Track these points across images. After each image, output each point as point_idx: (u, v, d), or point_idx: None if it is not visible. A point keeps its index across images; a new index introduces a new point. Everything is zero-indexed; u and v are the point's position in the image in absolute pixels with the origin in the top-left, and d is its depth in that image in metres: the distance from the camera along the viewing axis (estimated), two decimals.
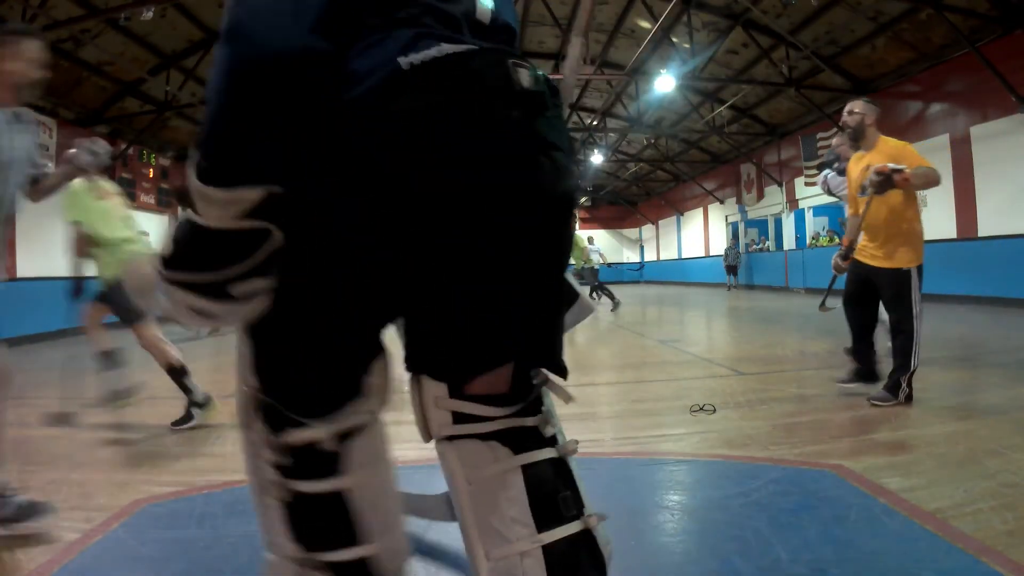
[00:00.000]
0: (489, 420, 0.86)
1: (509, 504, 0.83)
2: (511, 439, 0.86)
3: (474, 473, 0.85)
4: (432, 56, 0.69)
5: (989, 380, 3.44)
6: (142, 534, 1.61)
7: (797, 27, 9.50)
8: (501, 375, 0.87)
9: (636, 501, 1.80)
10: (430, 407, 0.86)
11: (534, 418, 0.90)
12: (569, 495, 0.87)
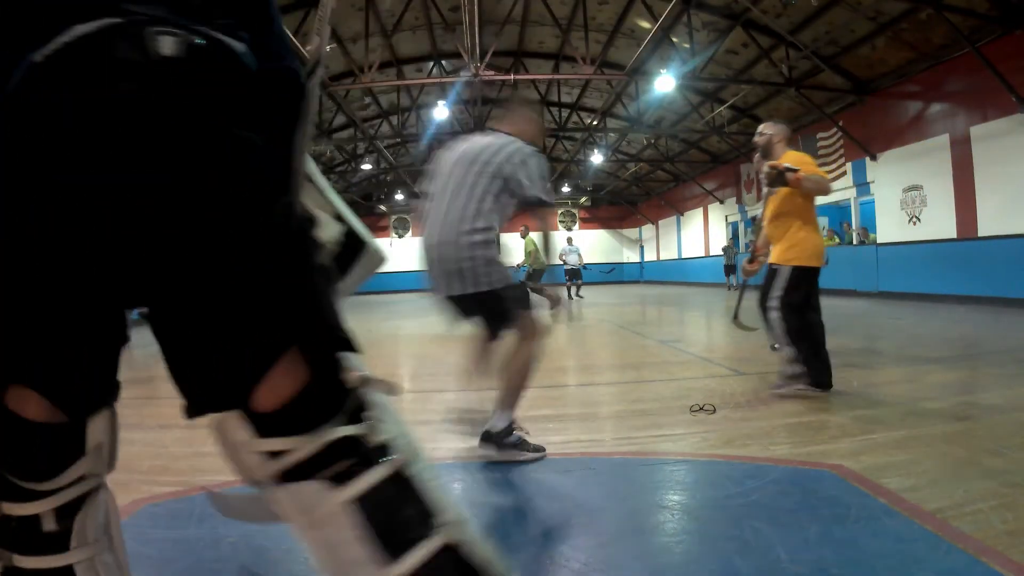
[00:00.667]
0: (299, 449, 0.77)
1: (349, 546, 0.76)
2: (332, 464, 0.77)
3: (311, 517, 0.77)
4: (63, 42, 0.64)
5: (989, 380, 3.44)
6: (142, 534, 1.61)
7: (797, 27, 9.51)
8: (285, 377, 0.76)
9: (636, 501, 1.80)
10: (240, 453, 0.78)
11: (355, 427, 0.80)
12: (412, 513, 0.79)
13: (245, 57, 0.74)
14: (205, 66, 0.70)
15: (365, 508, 0.76)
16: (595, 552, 1.47)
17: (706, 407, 2.83)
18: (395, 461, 0.80)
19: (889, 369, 3.94)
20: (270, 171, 0.76)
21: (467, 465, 2.20)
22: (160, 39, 0.67)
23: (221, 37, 0.72)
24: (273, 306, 0.74)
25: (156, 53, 0.66)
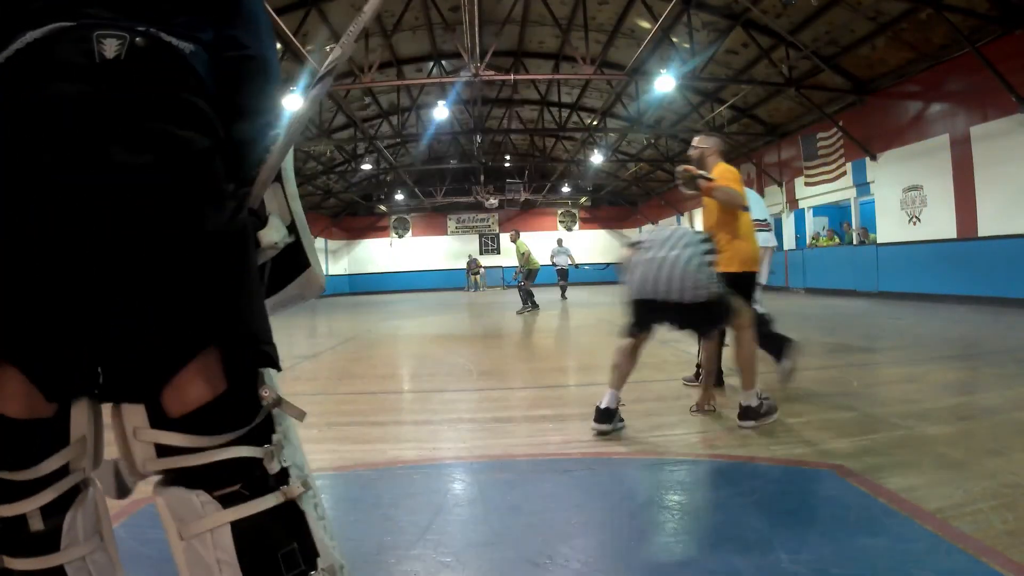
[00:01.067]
0: (196, 451, 0.74)
1: (221, 567, 0.73)
2: (222, 482, 0.75)
3: (185, 528, 0.75)
4: (15, 49, 0.71)
5: (989, 380, 3.44)
6: (142, 534, 1.61)
7: (797, 27, 9.51)
8: (196, 382, 0.75)
9: (636, 501, 1.80)
10: (131, 439, 0.75)
11: (255, 448, 0.77)
12: (294, 548, 0.76)
13: (192, 57, 0.77)
14: (146, 66, 0.73)
15: (241, 535, 0.74)
16: (595, 552, 1.47)
17: (707, 407, 2.82)
18: (287, 491, 0.78)
19: (889, 369, 3.94)
20: (211, 171, 0.76)
21: (467, 465, 2.20)
22: (104, 42, 0.71)
23: (166, 37, 0.75)
24: (195, 303, 0.74)
25: (100, 56, 0.70)
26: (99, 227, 0.69)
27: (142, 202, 0.71)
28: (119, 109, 0.71)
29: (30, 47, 0.71)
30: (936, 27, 8.22)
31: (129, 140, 0.70)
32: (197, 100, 0.76)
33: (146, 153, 0.71)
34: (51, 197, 0.68)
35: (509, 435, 2.63)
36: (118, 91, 0.71)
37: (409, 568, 1.39)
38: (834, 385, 3.36)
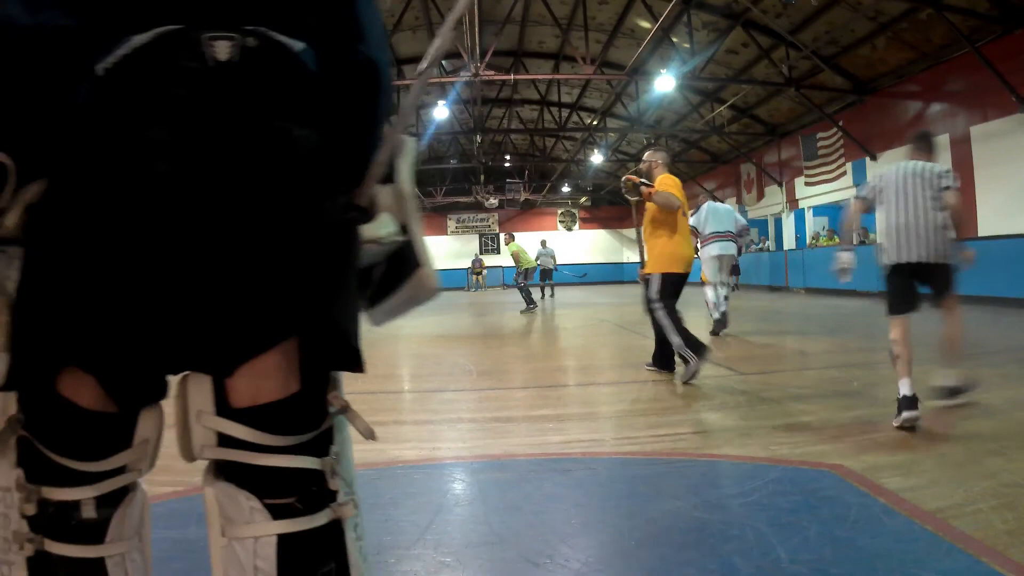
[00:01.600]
0: (258, 450, 0.72)
1: (257, 574, 0.72)
2: (277, 490, 0.73)
3: (229, 528, 0.74)
4: (121, 55, 0.69)
5: (989, 380, 3.44)
6: None
7: (797, 27, 9.51)
8: (272, 375, 0.74)
9: (636, 501, 1.80)
10: (193, 422, 0.74)
11: (318, 460, 0.76)
12: (332, 569, 0.76)
13: (303, 55, 0.75)
14: (258, 67, 0.71)
15: (285, 548, 0.72)
16: (595, 552, 1.47)
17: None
18: (338, 511, 0.76)
19: (889, 369, 3.93)
20: (321, 166, 0.76)
21: (467, 465, 2.20)
22: (215, 44, 0.69)
23: (277, 37, 0.73)
24: (289, 291, 0.72)
25: (211, 58, 0.69)
26: (212, 222, 0.68)
27: (255, 197, 0.70)
28: (235, 112, 0.70)
29: (136, 52, 0.69)
30: (936, 27, 8.23)
31: (246, 140, 0.70)
32: (310, 98, 0.76)
33: (263, 151, 0.71)
34: (165, 200, 0.68)
35: (509, 435, 2.63)
36: (234, 94, 0.70)
37: (409, 568, 1.39)
38: (834, 385, 3.35)
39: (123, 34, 0.70)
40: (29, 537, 0.74)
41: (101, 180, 0.68)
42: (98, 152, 0.69)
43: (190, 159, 0.68)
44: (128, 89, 0.69)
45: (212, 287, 0.70)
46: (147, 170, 0.68)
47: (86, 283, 0.69)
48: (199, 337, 0.72)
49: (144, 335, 0.70)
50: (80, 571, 0.74)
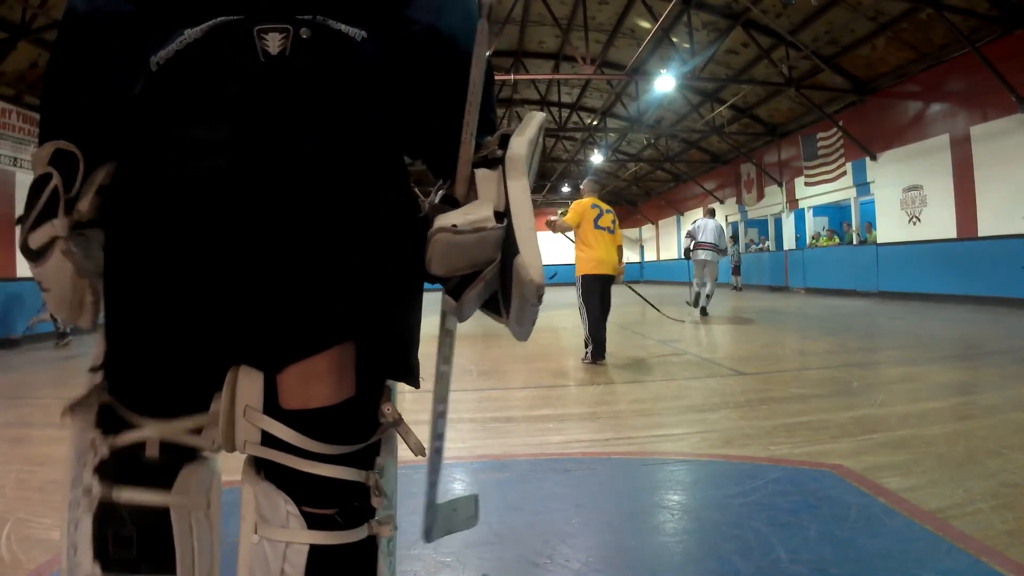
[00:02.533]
0: (302, 455, 0.71)
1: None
2: (316, 499, 0.71)
3: (263, 527, 0.71)
4: (174, 50, 0.68)
5: (989, 380, 3.44)
6: None
7: (797, 27, 9.51)
8: (325, 379, 0.72)
9: (636, 501, 1.80)
10: (239, 417, 0.72)
11: (363, 473, 0.74)
12: None
13: (366, 43, 0.71)
14: (314, 60, 0.68)
15: (316, 559, 0.70)
16: (595, 552, 1.47)
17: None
18: (375, 528, 0.74)
19: (889, 369, 3.94)
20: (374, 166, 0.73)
21: (467, 465, 2.20)
22: (267, 37, 0.67)
23: (335, 25, 0.70)
24: (344, 293, 0.71)
25: (264, 52, 0.67)
26: (264, 219, 0.68)
27: (309, 197, 0.69)
28: (289, 107, 0.68)
29: (190, 48, 0.68)
30: (936, 27, 8.23)
31: (298, 138, 0.68)
32: (374, 87, 0.72)
33: (315, 150, 0.69)
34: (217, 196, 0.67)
35: (509, 435, 2.63)
36: (287, 89, 0.68)
37: (409, 568, 1.39)
38: (834, 385, 3.35)
39: (180, 23, 0.69)
40: (93, 491, 0.74)
41: (156, 174, 0.69)
42: (152, 147, 0.69)
43: (243, 157, 0.67)
44: (181, 85, 0.68)
45: (267, 282, 0.69)
46: (198, 167, 0.67)
47: (152, 268, 0.69)
48: (253, 329, 0.71)
49: (209, 321, 0.70)
50: (145, 520, 0.74)
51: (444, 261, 0.73)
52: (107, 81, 0.72)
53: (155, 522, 0.75)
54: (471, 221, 0.71)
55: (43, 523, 1.72)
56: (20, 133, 8.37)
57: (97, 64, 0.72)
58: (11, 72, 7.98)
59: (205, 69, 0.68)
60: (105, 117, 0.73)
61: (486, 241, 0.72)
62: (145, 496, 0.75)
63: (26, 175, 8.44)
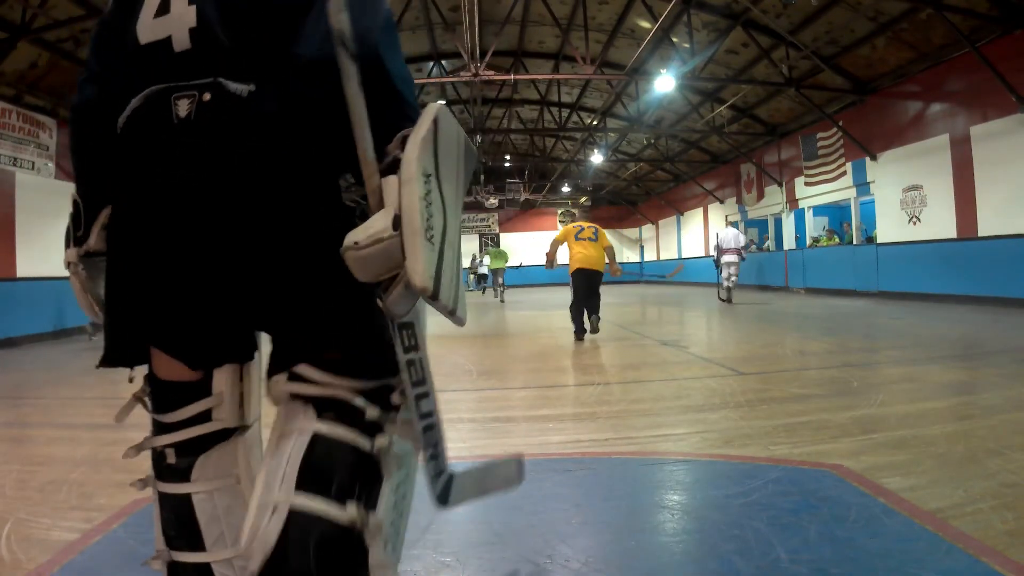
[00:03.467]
0: (313, 383, 0.90)
1: (288, 462, 0.86)
2: (327, 406, 0.88)
3: (285, 425, 0.89)
4: (126, 116, 0.90)
5: (989, 380, 3.44)
6: (142, 534, 1.61)
7: (797, 27, 9.51)
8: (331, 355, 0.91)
9: (636, 501, 1.80)
10: (273, 385, 0.93)
11: (367, 403, 0.90)
12: (355, 488, 0.86)
13: (252, 96, 0.85)
14: (212, 116, 0.85)
15: (315, 445, 0.86)
16: (595, 552, 1.47)
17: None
18: (374, 447, 0.88)
19: (889, 369, 3.94)
20: (299, 197, 0.87)
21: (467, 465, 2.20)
22: (179, 103, 0.85)
23: (227, 85, 0.85)
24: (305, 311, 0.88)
25: (176, 116, 0.85)
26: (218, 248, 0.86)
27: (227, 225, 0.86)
28: (198, 158, 0.85)
29: (135, 112, 0.89)
30: (936, 27, 8.22)
31: (213, 179, 0.85)
32: (269, 132, 0.86)
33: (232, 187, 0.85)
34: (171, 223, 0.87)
35: (509, 435, 2.63)
36: (194, 145, 0.85)
37: (409, 568, 1.39)
38: (834, 385, 3.35)
39: (133, 93, 0.90)
40: (148, 478, 0.98)
41: (132, 206, 0.90)
42: (126, 187, 0.90)
43: (175, 196, 0.86)
44: (132, 141, 0.89)
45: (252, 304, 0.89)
46: (156, 200, 0.87)
47: (138, 282, 0.90)
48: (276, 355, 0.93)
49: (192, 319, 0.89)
50: (172, 503, 0.94)
51: (363, 273, 0.80)
52: (94, 147, 0.97)
53: (182, 507, 0.93)
54: (370, 235, 0.78)
55: (43, 523, 1.72)
56: (20, 133, 8.37)
57: (85, 137, 0.99)
58: (11, 72, 7.98)
59: (143, 128, 0.88)
60: (100, 173, 0.97)
61: (389, 250, 0.77)
62: (171, 487, 0.94)
63: (26, 175, 8.44)
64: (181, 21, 0.87)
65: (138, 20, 0.90)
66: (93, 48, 1.01)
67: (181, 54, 0.87)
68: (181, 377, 0.93)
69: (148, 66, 0.90)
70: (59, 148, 9.08)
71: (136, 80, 0.90)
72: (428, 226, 0.76)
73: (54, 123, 9.04)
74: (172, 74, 0.87)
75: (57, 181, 9.12)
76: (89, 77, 0.99)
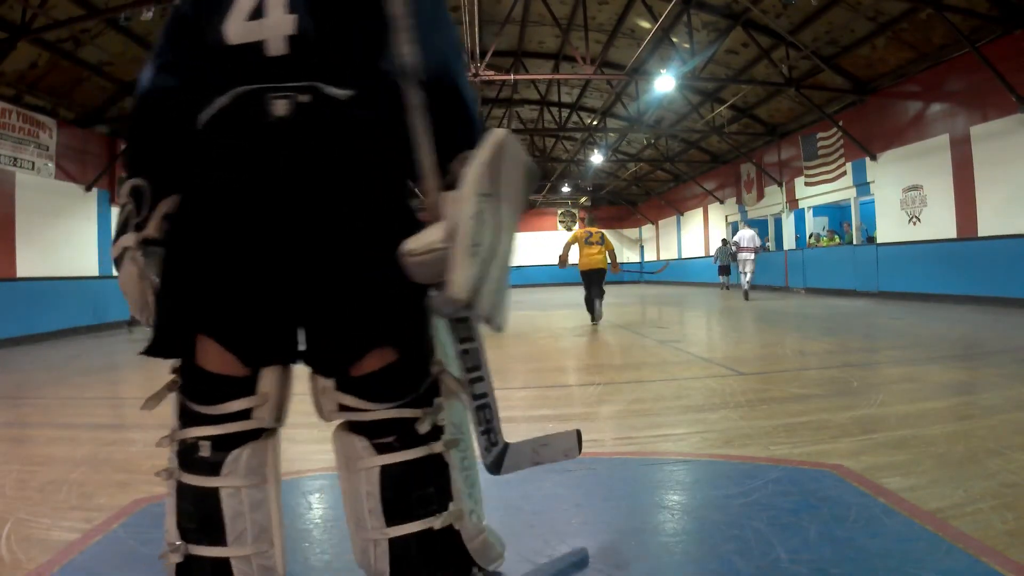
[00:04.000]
0: (364, 411, 0.96)
1: (368, 498, 0.96)
2: (380, 432, 0.96)
3: (350, 463, 0.98)
4: (210, 113, 0.93)
5: (989, 380, 3.44)
6: (142, 534, 1.61)
7: (797, 27, 9.50)
8: (373, 358, 0.96)
9: (636, 501, 1.80)
10: (320, 395, 0.98)
11: (416, 410, 0.98)
12: (431, 492, 0.97)
13: (350, 101, 0.91)
14: (309, 117, 0.90)
15: (386, 475, 0.95)
16: (595, 552, 1.47)
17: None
18: (433, 447, 0.97)
19: (889, 369, 3.94)
20: (376, 202, 0.94)
21: None
22: (276, 102, 0.89)
23: (324, 89, 0.90)
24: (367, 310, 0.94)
25: (273, 114, 0.89)
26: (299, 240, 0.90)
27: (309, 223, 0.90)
28: (292, 155, 0.89)
29: (221, 111, 0.92)
30: (936, 27, 8.22)
31: (300, 179, 0.89)
32: (362, 135, 0.92)
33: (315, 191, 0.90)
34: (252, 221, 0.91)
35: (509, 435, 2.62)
36: (289, 143, 0.89)
37: None
38: (834, 385, 3.35)
39: (215, 93, 0.93)
40: (171, 470, 0.97)
41: (210, 198, 0.93)
42: (205, 180, 0.93)
43: (261, 194, 0.89)
44: (218, 137, 0.92)
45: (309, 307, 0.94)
46: (239, 194, 0.90)
47: (205, 274, 0.92)
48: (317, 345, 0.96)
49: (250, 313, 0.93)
50: (200, 496, 0.95)
51: (418, 276, 0.87)
52: (167, 137, 0.98)
53: (207, 500, 0.95)
54: (423, 245, 0.85)
55: (43, 523, 1.72)
56: (20, 133, 8.37)
57: (158, 125, 0.99)
58: (11, 72, 7.98)
59: (233, 126, 0.91)
60: (168, 162, 0.98)
61: (440, 260, 0.85)
62: (198, 480, 0.95)
63: (26, 175, 8.44)
64: (278, 28, 0.90)
65: (226, 20, 0.92)
66: (168, 37, 1.01)
67: (276, 58, 0.92)
68: (231, 372, 0.95)
69: (236, 66, 0.92)
70: (59, 148, 9.08)
71: (218, 77, 0.93)
72: (475, 242, 0.84)
73: (54, 123, 9.04)
74: (264, 76, 0.91)
75: (57, 181, 9.13)
76: (164, 66, 0.99)
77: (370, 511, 0.95)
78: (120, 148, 10.49)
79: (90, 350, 7.00)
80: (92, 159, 9.99)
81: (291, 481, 1.95)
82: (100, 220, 10.12)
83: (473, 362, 1.12)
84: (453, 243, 0.84)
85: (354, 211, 0.91)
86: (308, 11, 0.91)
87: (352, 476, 0.97)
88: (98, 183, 10.05)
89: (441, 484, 0.98)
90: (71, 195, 9.52)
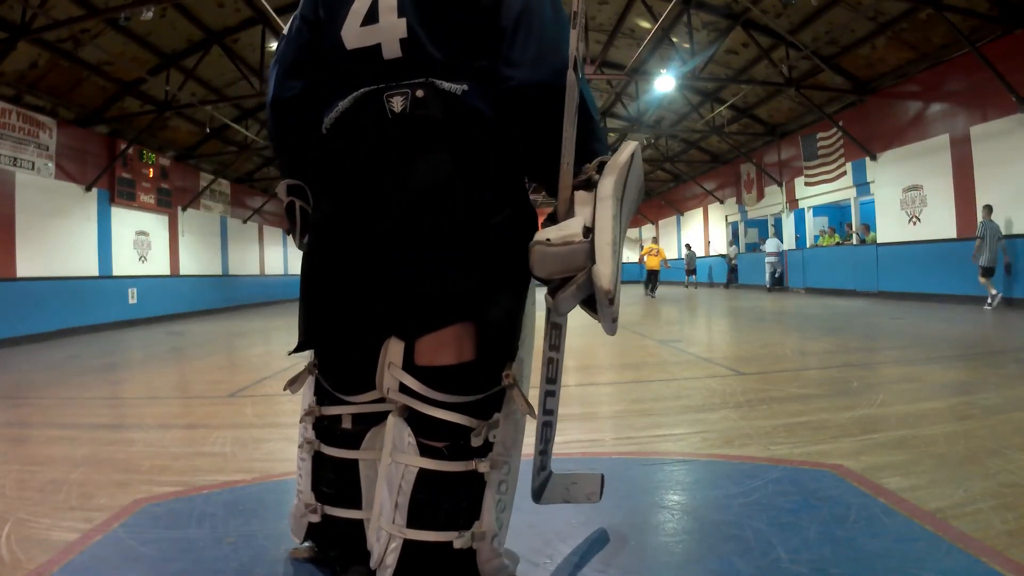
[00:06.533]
0: (423, 400, 0.97)
1: (398, 492, 0.97)
2: (433, 434, 0.97)
3: (394, 452, 0.99)
4: (333, 117, 0.99)
5: (989, 380, 3.44)
6: (142, 534, 1.61)
7: (797, 27, 9.50)
8: (450, 345, 0.98)
9: (636, 501, 1.80)
10: (385, 370, 1.02)
11: (473, 420, 0.98)
12: (462, 507, 0.97)
13: (466, 95, 0.95)
14: (427, 110, 0.94)
15: (424, 479, 0.96)
16: (595, 552, 1.47)
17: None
18: (477, 464, 0.98)
19: (889, 369, 3.94)
20: (486, 189, 0.98)
21: None
22: (393, 100, 0.95)
23: (440, 84, 0.91)
24: (462, 284, 0.97)
25: (391, 111, 0.95)
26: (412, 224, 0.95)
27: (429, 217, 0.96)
28: (411, 148, 0.94)
29: (343, 114, 0.99)
30: (936, 27, 8.22)
31: (420, 172, 0.94)
32: (478, 127, 0.95)
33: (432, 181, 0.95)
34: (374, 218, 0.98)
35: None
36: (409, 135, 0.95)
37: None
38: (834, 385, 3.35)
39: (338, 97, 0.99)
40: (312, 441, 1.09)
41: (340, 201, 1.00)
42: (334, 183, 1.00)
43: (385, 189, 0.95)
44: (342, 139, 0.99)
45: (411, 276, 0.97)
46: (357, 197, 0.97)
47: (333, 277, 1.01)
48: (400, 310, 0.99)
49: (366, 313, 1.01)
50: (341, 466, 1.09)
51: (542, 267, 0.91)
52: (300, 141, 1.07)
53: (348, 469, 1.08)
54: (562, 236, 0.90)
55: (43, 523, 1.72)
56: (20, 133, 8.37)
57: (295, 130, 1.07)
58: (11, 72, 7.98)
59: (356, 126, 0.97)
60: (305, 168, 1.09)
61: (575, 252, 0.89)
62: (340, 452, 1.09)
63: (26, 175, 8.44)
64: (391, 32, 0.95)
65: (343, 26, 0.98)
66: (293, 43, 1.06)
67: (391, 61, 0.97)
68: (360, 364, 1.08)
69: (355, 69, 0.98)
70: (59, 148, 9.07)
71: (337, 81, 1.00)
72: (615, 240, 0.89)
73: (54, 123, 9.04)
74: (382, 77, 0.97)
75: (57, 181, 9.13)
76: (289, 72, 1.06)
77: (396, 505, 0.96)
78: (120, 148, 10.49)
79: (90, 350, 7.00)
80: (92, 159, 9.98)
81: (291, 481, 1.95)
82: (100, 220, 10.12)
83: (553, 372, 1.19)
84: (596, 239, 0.88)
85: (469, 199, 0.95)
86: (417, 15, 0.95)
87: (391, 464, 0.98)
88: (98, 183, 10.04)
89: (473, 502, 0.99)
90: (71, 195, 9.52)
